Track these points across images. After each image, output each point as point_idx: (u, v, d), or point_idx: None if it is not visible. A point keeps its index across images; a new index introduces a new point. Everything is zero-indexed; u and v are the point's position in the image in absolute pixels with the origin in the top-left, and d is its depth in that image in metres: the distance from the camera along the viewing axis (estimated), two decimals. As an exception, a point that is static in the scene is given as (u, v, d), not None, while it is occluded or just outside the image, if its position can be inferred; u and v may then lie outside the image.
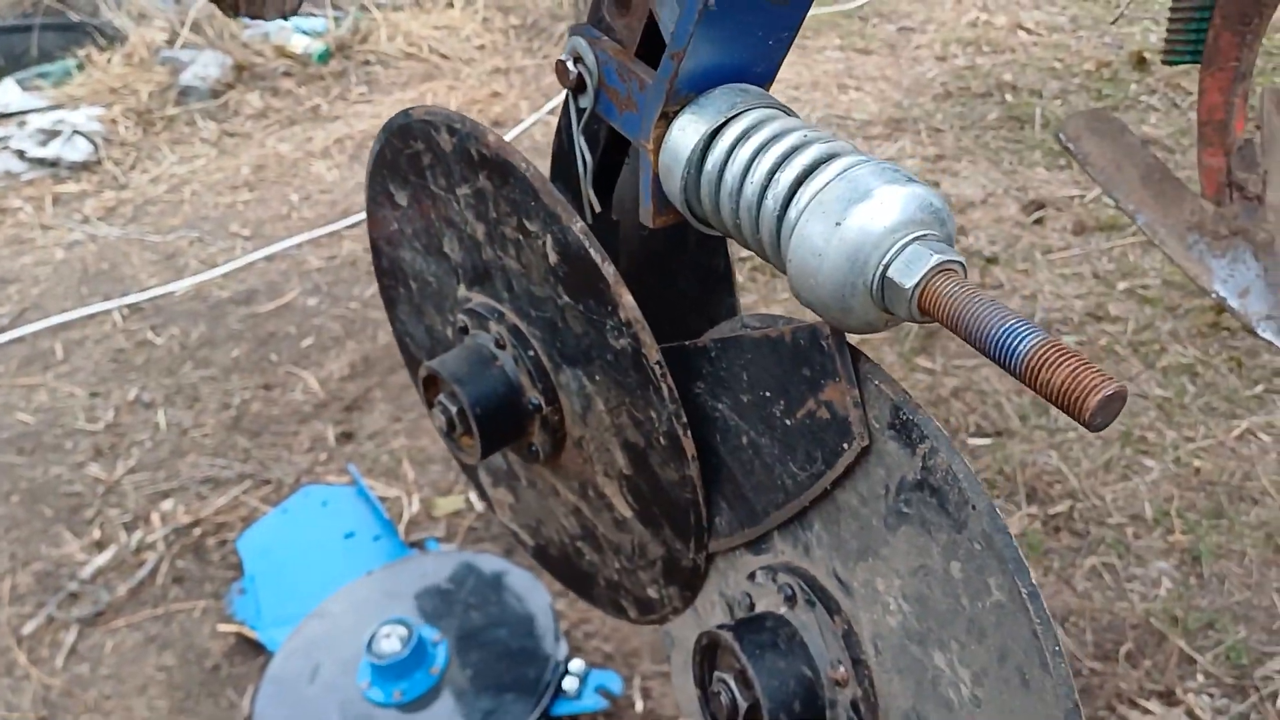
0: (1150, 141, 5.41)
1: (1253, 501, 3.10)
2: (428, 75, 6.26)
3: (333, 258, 4.51)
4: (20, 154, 5.36)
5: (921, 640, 0.95)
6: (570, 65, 1.11)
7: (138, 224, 4.96)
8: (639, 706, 2.56)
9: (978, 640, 0.89)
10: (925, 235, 0.84)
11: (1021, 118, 5.73)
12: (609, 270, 1.12)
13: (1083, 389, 0.72)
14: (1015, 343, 0.76)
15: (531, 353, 1.30)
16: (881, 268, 0.84)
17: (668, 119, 1.00)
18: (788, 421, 1.03)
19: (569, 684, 2.40)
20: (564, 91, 1.18)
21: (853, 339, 0.96)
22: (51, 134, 5.47)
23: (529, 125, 5.56)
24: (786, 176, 0.90)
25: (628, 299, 1.13)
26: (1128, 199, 2.09)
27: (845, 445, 0.97)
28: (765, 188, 0.92)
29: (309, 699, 2.47)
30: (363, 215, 4.75)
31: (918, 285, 0.83)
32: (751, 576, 1.14)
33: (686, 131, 0.98)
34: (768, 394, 1.05)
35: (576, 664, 2.45)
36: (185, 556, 3.08)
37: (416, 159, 1.33)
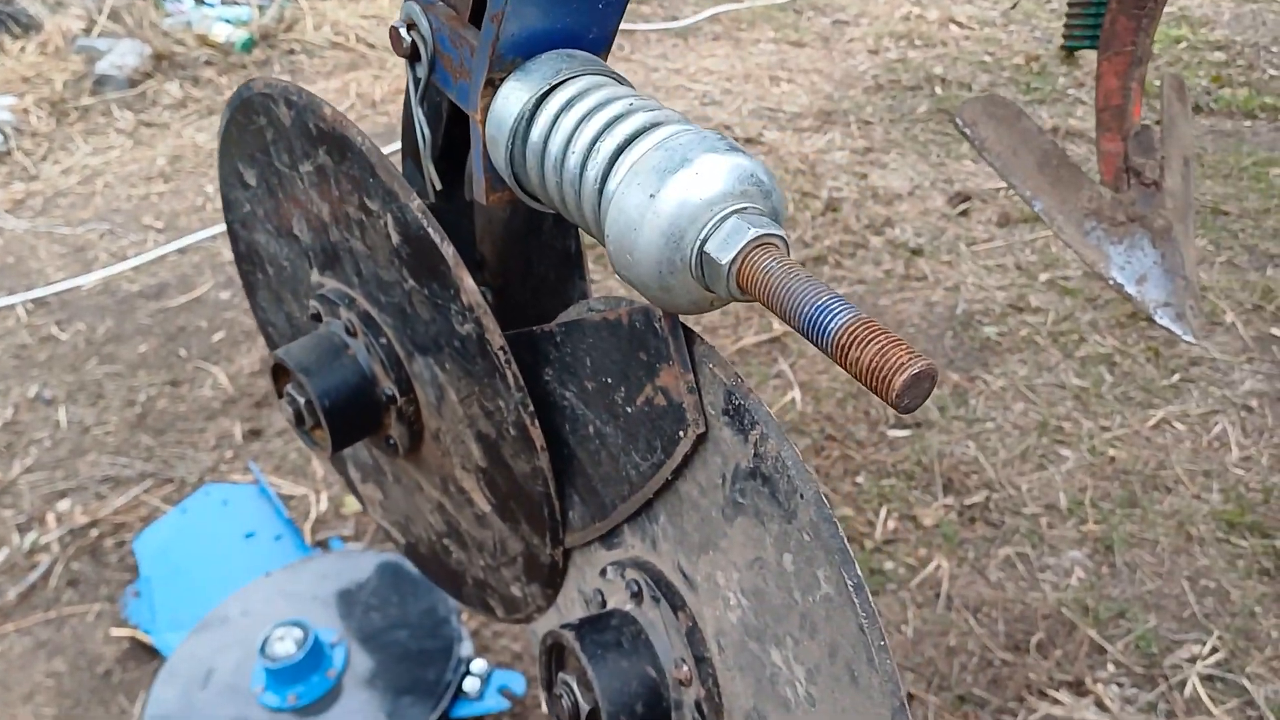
0: (1076, 134, 5.44)
1: (1166, 490, 3.11)
2: (353, 65, 6.14)
3: (248, 250, 4.39)
4: (-76, 144, 5.17)
5: (759, 636, 0.90)
6: (404, 32, 1.05)
7: (47, 216, 4.80)
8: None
9: (810, 636, 0.84)
10: (746, 209, 0.79)
11: (950, 111, 5.73)
12: (448, 251, 1.06)
13: (890, 367, 0.68)
14: (826, 320, 0.72)
15: (383, 340, 1.24)
16: (699, 242, 0.79)
17: (494, 86, 0.94)
18: (629, 409, 0.98)
19: (470, 685, 2.34)
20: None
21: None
22: (-42, 124, 5.29)
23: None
24: (607, 146, 0.85)
25: (469, 282, 1.07)
26: (1024, 184, 2.06)
27: (681, 433, 0.92)
28: (587, 158, 0.87)
29: (201, 705, 2.38)
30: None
31: (735, 260, 0.78)
32: (603, 573, 1.09)
33: (510, 99, 0.92)
34: (609, 380, 1.00)
35: (479, 664, 2.38)
36: (81, 558, 2.97)
37: (260, 135, 1.26)
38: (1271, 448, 3.26)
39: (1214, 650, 2.58)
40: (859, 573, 0.78)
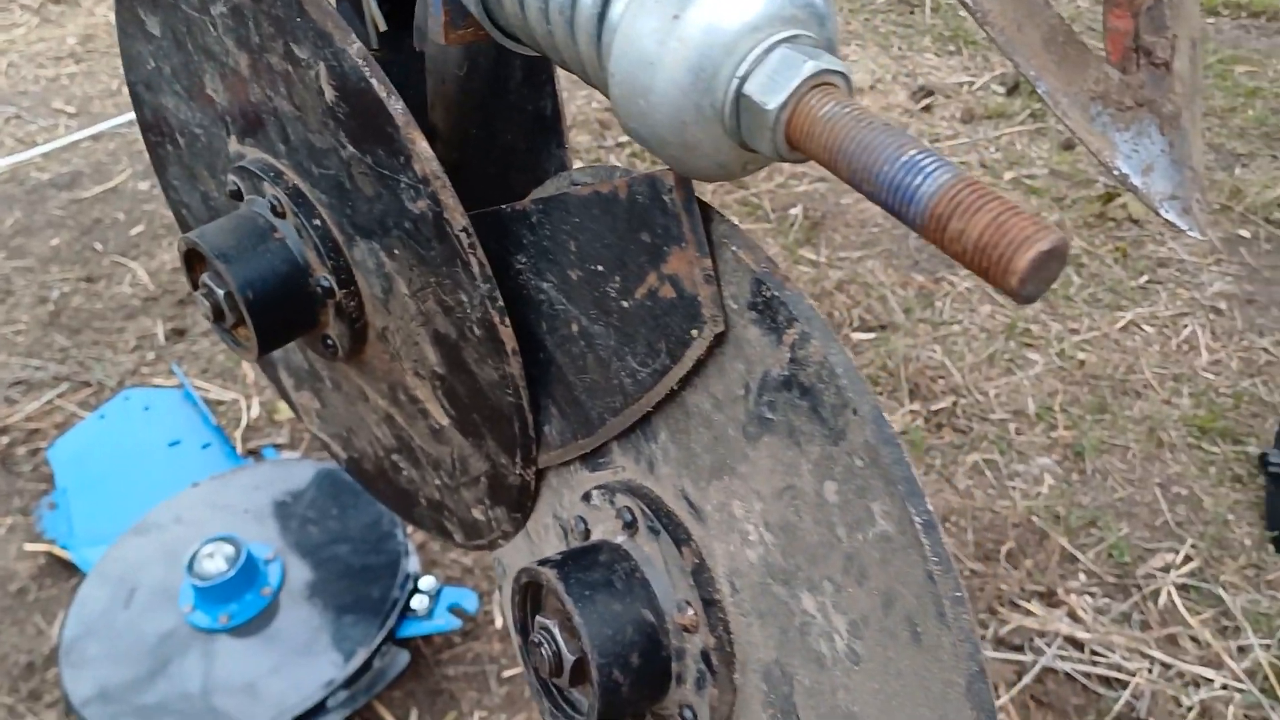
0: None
1: (1135, 395, 3.02)
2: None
3: (168, 137, 4.07)
4: None
5: (787, 579, 0.74)
6: None
7: (-55, 98, 4.42)
8: (498, 623, 2.37)
9: (857, 581, 0.68)
10: (797, 36, 0.61)
11: (911, 2, 5.52)
12: (397, 107, 0.86)
13: (1010, 243, 0.51)
14: (917, 181, 0.54)
15: (318, 222, 1.04)
16: (736, 81, 0.61)
17: (457, -110, 0.74)
18: (624, 303, 0.80)
19: (418, 603, 2.18)
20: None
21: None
22: None
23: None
24: (610, -41, 0.66)
25: (422, 145, 0.87)
26: (1029, 63, 1.88)
27: (694, 332, 0.74)
28: (582, -23, 0.67)
29: (124, 625, 2.20)
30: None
31: (786, 105, 0.59)
32: (587, 497, 0.92)
33: (480, -96, 0.72)
34: (600, 268, 0.81)
35: (427, 581, 2.23)
36: (-10, 468, 2.74)
37: (162, -30, 1.03)
38: (1240, 351, 3.18)
39: (1187, 559, 2.51)
40: (929, 508, 0.62)
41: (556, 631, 0.84)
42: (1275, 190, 3.83)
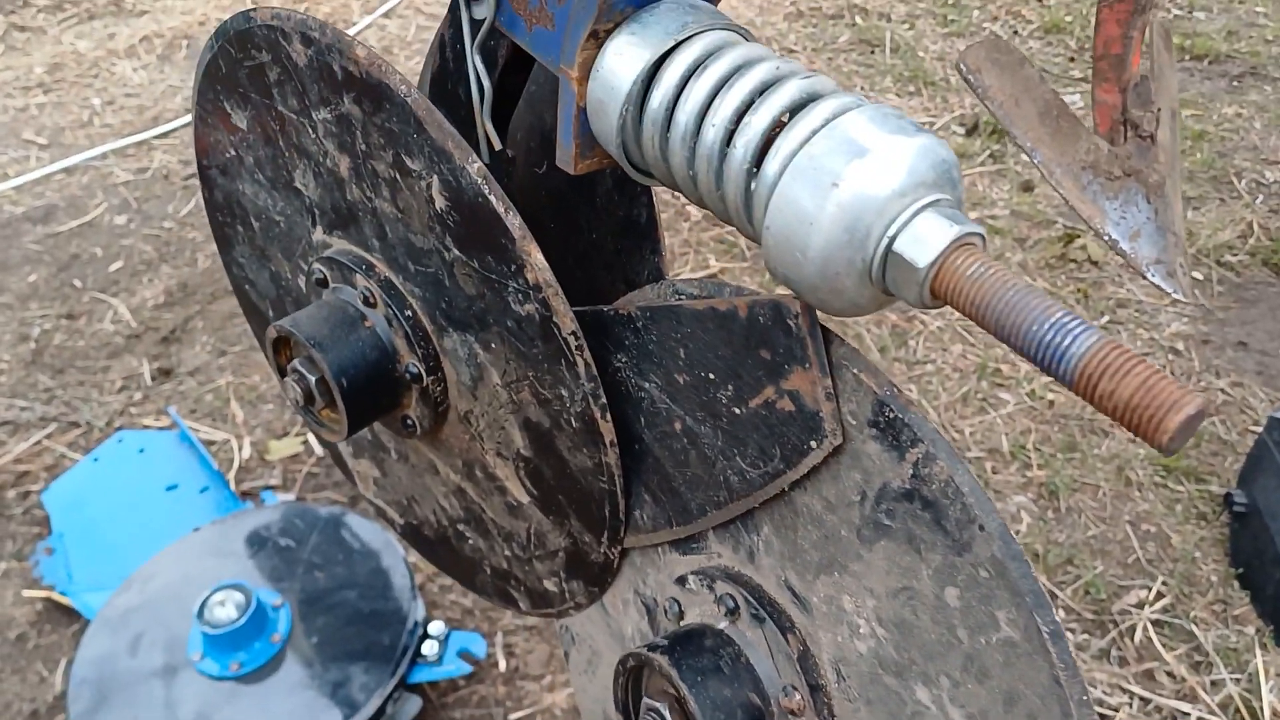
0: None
1: (1104, 434, 3.15)
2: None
3: (142, 170, 4.06)
4: None
5: (900, 671, 0.81)
6: (467, -35, 0.89)
7: (-91, 127, 4.36)
8: (502, 665, 2.41)
9: (977, 679, 0.76)
10: (939, 200, 0.68)
11: (872, 41, 5.66)
12: (514, 222, 0.92)
13: (1159, 405, 0.58)
14: (1065, 342, 0.62)
15: (409, 313, 1.10)
16: (886, 240, 0.68)
17: (598, 40, 0.80)
18: (737, 410, 0.87)
19: (428, 648, 2.22)
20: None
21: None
22: None
23: (363, 28, 5.14)
24: (759, 120, 0.73)
25: (538, 257, 0.93)
26: (1025, 135, 1.98)
27: (813, 444, 0.81)
28: (731, 134, 0.74)
29: (131, 673, 2.21)
30: (176, 123, 4.30)
31: (934, 264, 0.67)
32: (681, 581, 0.98)
33: (625, 57, 0.78)
34: (711, 376, 0.88)
35: (436, 626, 2.27)
36: (-21, 512, 2.72)
37: (260, 74, 1.08)
38: (1199, 391, 3.33)
39: (1159, 595, 2.63)
40: (1056, 619, 0.70)
41: (666, 713, 0.90)
42: (1225, 234, 4.01)
